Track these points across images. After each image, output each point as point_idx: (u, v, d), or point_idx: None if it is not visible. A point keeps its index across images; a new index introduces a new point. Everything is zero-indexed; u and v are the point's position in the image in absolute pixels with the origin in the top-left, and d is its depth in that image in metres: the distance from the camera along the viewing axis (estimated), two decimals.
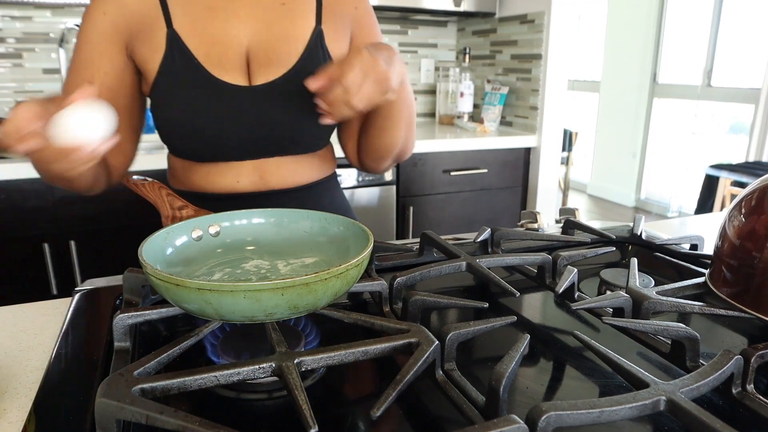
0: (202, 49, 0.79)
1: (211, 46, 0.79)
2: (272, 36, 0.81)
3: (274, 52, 0.81)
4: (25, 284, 1.73)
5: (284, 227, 0.62)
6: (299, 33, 0.83)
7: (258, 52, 0.81)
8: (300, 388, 0.38)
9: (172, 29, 0.78)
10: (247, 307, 0.42)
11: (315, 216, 0.61)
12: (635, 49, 4.65)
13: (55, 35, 2.12)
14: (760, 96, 3.67)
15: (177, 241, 0.57)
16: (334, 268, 0.44)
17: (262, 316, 0.44)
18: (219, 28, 0.80)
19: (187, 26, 0.79)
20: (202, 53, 0.79)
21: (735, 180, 3.22)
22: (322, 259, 0.58)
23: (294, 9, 0.83)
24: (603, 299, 0.55)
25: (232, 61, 0.80)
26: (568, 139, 4.03)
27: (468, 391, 0.42)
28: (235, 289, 0.41)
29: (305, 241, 0.61)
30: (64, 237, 1.72)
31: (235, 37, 0.80)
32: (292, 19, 0.83)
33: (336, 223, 0.60)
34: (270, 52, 0.81)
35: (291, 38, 0.82)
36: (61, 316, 0.62)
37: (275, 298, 0.42)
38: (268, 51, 0.81)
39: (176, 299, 0.44)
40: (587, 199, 5.24)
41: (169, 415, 0.34)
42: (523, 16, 2.30)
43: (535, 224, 0.87)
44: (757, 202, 0.55)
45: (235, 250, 0.60)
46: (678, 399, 0.37)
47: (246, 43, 0.81)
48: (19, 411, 0.45)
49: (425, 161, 2.16)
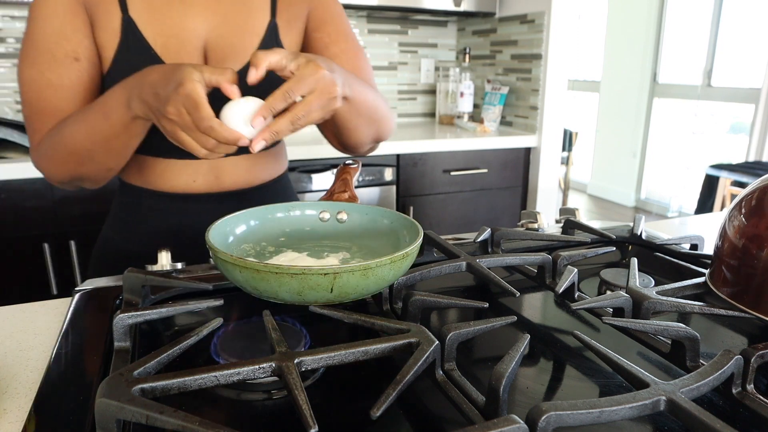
0: (159, 40, 0.78)
1: (169, 38, 0.78)
2: (229, 30, 0.81)
3: (231, 46, 0.81)
4: (25, 284, 1.73)
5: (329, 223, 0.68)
6: (255, 27, 0.82)
7: (215, 47, 0.81)
8: (300, 388, 0.38)
9: (127, 15, 0.77)
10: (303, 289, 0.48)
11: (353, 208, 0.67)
12: (635, 49, 4.66)
13: None
14: (760, 96, 3.67)
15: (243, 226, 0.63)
16: (388, 257, 0.49)
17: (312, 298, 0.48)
18: (176, 19, 0.78)
19: (144, 14, 0.77)
20: (159, 44, 0.77)
21: (735, 180, 3.22)
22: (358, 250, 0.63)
23: (249, 2, 0.83)
24: (603, 299, 0.55)
25: (191, 55, 0.79)
26: (568, 139, 4.04)
27: (468, 391, 0.42)
28: (280, 271, 0.46)
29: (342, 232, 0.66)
30: (64, 237, 1.72)
31: (193, 30, 0.79)
32: (248, 13, 0.82)
33: (384, 215, 0.64)
34: (227, 47, 0.81)
35: (247, 32, 0.82)
36: (61, 316, 0.62)
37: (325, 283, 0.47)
38: (225, 46, 0.81)
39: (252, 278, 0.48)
40: (587, 199, 5.24)
41: (169, 415, 0.34)
42: (523, 16, 2.30)
43: (535, 224, 0.87)
44: (757, 202, 0.55)
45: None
46: (678, 399, 0.37)
47: (204, 36, 0.80)
48: (19, 411, 0.45)
49: (425, 161, 2.16)
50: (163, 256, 0.67)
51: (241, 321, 0.54)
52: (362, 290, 0.49)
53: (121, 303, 0.60)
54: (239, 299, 0.60)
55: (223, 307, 0.56)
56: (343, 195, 0.71)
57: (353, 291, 0.49)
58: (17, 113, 2.14)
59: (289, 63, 0.63)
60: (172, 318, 0.60)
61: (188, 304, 0.52)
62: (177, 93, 0.59)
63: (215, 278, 0.64)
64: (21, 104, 0.78)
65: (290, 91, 0.61)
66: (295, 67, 0.62)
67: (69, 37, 0.75)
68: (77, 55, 0.76)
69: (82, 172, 0.77)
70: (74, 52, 0.76)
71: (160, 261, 0.67)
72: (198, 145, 0.62)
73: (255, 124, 0.60)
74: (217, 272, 0.66)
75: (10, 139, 1.84)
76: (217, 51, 0.81)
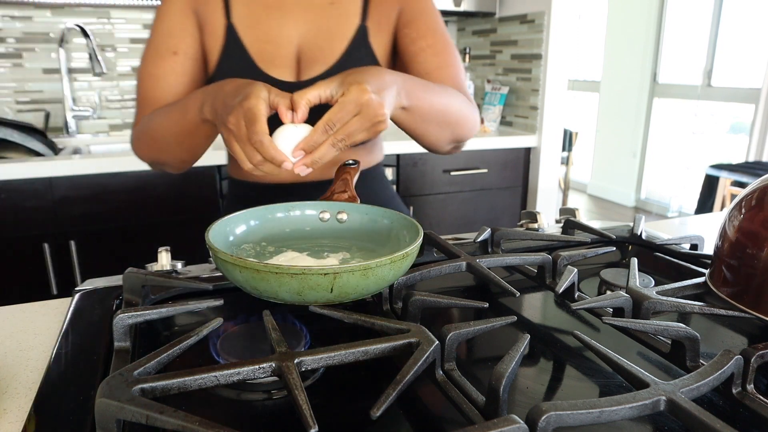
0: (255, 46, 0.83)
1: (265, 45, 0.83)
2: (320, 35, 0.85)
3: (320, 50, 0.85)
4: (25, 284, 1.73)
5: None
6: (344, 31, 0.86)
7: (306, 52, 0.85)
8: (300, 388, 0.38)
9: (229, 21, 0.83)
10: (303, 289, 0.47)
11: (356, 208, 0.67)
12: (635, 49, 4.66)
13: (55, 35, 2.12)
14: (760, 96, 3.67)
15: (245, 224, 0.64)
16: (386, 257, 0.49)
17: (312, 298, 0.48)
18: (273, 26, 0.84)
19: (245, 21, 0.83)
20: (255, 50, 0.83)
21: (735, 180, 3.22)
22: (356, 252, 0.63)
23: (341, 8, 0.86)
24: (603, 299, 0.55)
25: (284, 60, 0.84)
26: (568, 139, 4.03)
27: (468, 391, 0.42)
28: (279, 271, 0.46)
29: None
30: (64, 237, 1.72)
31: (287, 37, 0.84)
32: (338, 18, 0.86)
33: (384, 216, 0.64)
34: (317, 51, 0.85)
35: (336, 37, 0.85)
36: (61, 316, 0.62)
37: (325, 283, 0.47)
38: (315, 49, 0.85)
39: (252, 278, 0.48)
40: (587, 199, 5.24)
41: (169, 415, 0.34)
42: (523, 16, 2.30)
43: (535, 224, 0.87)
44: (757, 202, 0.55)
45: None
46: (678, 399, 0.37)
47: (296, 42, 0.85)
48: (19, 411, 0.45)
49: (425, 161, 2.16)
50: (163, 255, 0.67)
51: (241, 321, 0.54)
52: (362, 290, 0.49)
53: (121, 303, 0.60)
54: (239, 299, 0.60)
55: (223, 307, 0.56)
56: (342, 195, 0.71)
57: (353, 291, 0.49)
58: (17, 113, 2.14)
59: (334, 91, 0.63)
60: (172, 318, 0.60)
61: (188, 304, 0.52)
62: (241, 105, 0.61)
63: (215, 278, 0.64)
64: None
65: (330, 122, 0.61)
66: (341, 94, 0.63)
67: (175, 35, 0.83)
68: (176, 49, 0.83)
69: (161, 158, 0.84)
70: (175, 47, 0.83)
71: (160, 261, 0.67)
72: (245, 157, 0.63)
73: (296, 155, 0.62)
74: (217, 272, 0.66)
75: (10, 139, 1.84)
76: (307, 55, 0.85)
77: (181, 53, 0.83)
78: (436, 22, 0.90)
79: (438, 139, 0.84)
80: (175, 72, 0.83)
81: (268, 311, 0.49)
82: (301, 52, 0.85)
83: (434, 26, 0.90)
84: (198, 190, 1.86)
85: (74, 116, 2.19)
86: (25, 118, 2.13)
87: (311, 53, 0.85)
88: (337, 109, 0.61)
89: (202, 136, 0.77)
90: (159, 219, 1.83)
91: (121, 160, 1.73)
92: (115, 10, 2.17)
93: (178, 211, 1.85)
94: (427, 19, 0.89)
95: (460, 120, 0.84)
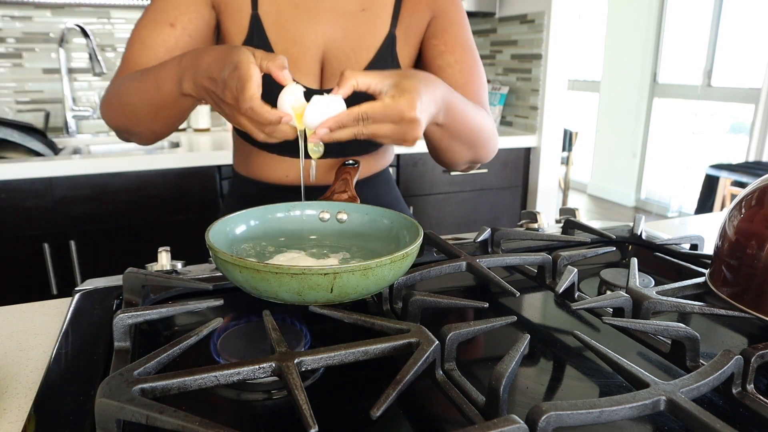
0: (281, 46, 0.79)
1: (291, 45, 0.80)
2: (347, 41, 0.82)
3: (347, 57, 0.82)
4: (25, 284, 1.73)
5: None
6: (372, 39, 0.82)
7: (332, 58, 0.82)
8: (300, 388, 0.38)
9: (256, 12, 0.79)
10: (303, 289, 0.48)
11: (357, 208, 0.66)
12: (635, 49, 4.66)
13: (54, 35, 2.12)
14: (760, 96, 3.67)
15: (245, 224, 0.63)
16: (387, 257, 0.48)
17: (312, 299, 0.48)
18: (300, 27, 0.80)
19: (272, 15, 0.79)
20: (281, 50, 0.79)
21: (735, 180, 3.22)
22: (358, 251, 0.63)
23: (372, 15, 0.82)
24: (603, 299, 0.55)
25: (308, 65, 0.81)
26: (568, 139, 4.04)
27: (468, 391, 0.42)
28: (280, 271, 0.46)
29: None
30: (64, 237, 1.72)
31: (313, 41, 0.81)
32: (368, 25, 0.82)
33: (384, 216, 0.64)
34: (343, 58, 0.82)
35: (363, 45, 0.82)
36: (61, 316, 0.62)
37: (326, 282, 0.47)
38: (341, 57, 0.82)
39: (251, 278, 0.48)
40: (587, 199, 5.24)
41: (169, 415, 0.34)
42: (523, 16, 2.30)
43: (535, 224, 0.87)
44: (757, 202, 0.55)
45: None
46: (678, 399, 0.37)
47: (323, 47, 0.81)
48: (19, 411, 0.45)
49: (425, 161, 2.16)
50: (163, 255, 0.67)
51: (241, 321, 0.54)
52: (362, 290, 0.49)
53: (121, 303, 0.60)
54: (239, 299, 0.60)
55: (223, 307, 0.56)
56: (343, 195, 0.71)
57: (353, 291, 0.49)
58: (17, 113, 2.14)
59: (386, 88, 0.60)
60: (172, 318, 0.60)
61: (188, 304, 0.52)
62: (233, 78, 0.58)
63: (215, 278, 0.64)
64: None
65: (366, 116, 0.59)
66: (390, 96, 0.60)
67: (179, 6, 0.78)
68: (175, 21, 0.78)
69: (129, 126, 0.79)
70: (174, 19, 0.78)
71: (160, 261, 0.67)
72: (255, 128, 0.60)
73: (320, 130, 0.59)
74: (217, 272, 0.66)
75: (10, 139, 1.84)
76: (332, 63, 0.82)
77: (179, 27, 0.78)
78: (466, 36, 0.88)
79: (459, 157, 0.83)
80: (167, 45, 0.78)
81: (268, 311, 0.49)
82: (326, 59, 0.82)
83: (463, 41, 0.87)
84: (198, 190, 1.86)
85: (74, 116, 2.19)
86: (25, 118, 2.13)
87: (336, 60, 0.82)
88: (380, 107, 0.59)
89: (180, 109, 0.73)
90: (159, 219, 1.83)
91: (121, 160, 1.73)
92: (115, 10, 2.17)
93: (178, 211, 1.85)
94: (458, 32, 0.87)
95: (484, 143, 0.83)
